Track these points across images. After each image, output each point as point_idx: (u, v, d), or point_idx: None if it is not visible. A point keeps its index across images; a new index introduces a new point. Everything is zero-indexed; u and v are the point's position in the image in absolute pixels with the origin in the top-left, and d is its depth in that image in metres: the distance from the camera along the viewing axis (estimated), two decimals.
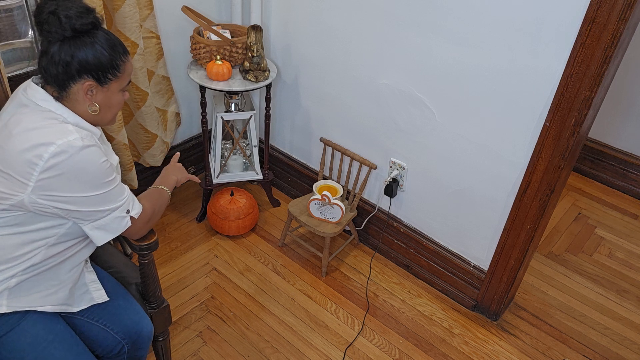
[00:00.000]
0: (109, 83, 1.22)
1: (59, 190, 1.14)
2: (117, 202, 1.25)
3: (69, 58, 1.16)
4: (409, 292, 2.27)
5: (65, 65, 1.16)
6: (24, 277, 1.25)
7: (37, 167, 1.11)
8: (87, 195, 1.18)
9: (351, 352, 1.99)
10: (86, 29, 1.16)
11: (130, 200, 1.30)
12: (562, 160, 1.70)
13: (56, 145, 1.11)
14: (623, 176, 2.96)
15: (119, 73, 1.23)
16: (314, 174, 2.54)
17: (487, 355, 2.03)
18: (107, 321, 1.42)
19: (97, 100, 1.23)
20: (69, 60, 1.16)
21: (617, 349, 2.09)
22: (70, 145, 1.12)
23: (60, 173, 1.13)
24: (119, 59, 1.22)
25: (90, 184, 1.18)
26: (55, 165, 1.12)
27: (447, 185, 2.06)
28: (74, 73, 1.17)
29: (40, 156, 1.11)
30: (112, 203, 1.24)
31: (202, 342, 1.98)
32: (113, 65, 1.21)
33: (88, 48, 1.17)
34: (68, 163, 1.12)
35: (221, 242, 2.42)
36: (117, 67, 1.22)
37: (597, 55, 1.49)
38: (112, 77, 1.22)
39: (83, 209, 1.19)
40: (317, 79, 2.30)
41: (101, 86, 1.22)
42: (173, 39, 2.29)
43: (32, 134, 1.13)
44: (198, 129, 2.67)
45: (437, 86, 1.90)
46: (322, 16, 2.13)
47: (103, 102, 1.25)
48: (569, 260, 2.50)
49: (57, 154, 1.11)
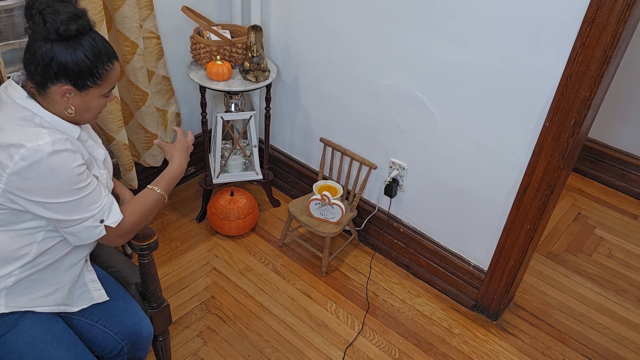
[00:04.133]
0: (87, 89, 1.20)
1: (27, 193, 1.14)
2: (89, 211, 1.21)
3: (48, 60, 1.14)
4: (408, 292, 2.27)
5: (44, 66, 1.14)
6: (21, 276, 1.25)
7: (7, 168, 1.11)
8: (55, 202, 1.16)
9: (351, 352, 2.00)
10: (70, 35, 1.13)
11: (106, 209, 1.25)
12: (561, 161, 1.70)
13: (26, 148, 1.10)
14: (622, 176, 2.96)
15: (99, 81, 1.20)
16: (314, 174, 2.54)
17: (487, 354, 2.03)
18: (107, 322, 1.42)
19: (74, 103, 1.21)
20: (48, 62, 1.14)
21: (616, 348, 2.09)
22: (38, 150, 1.10)
23: (27, 177, 1.12)
24: (102, 67, 1.19)
25: (58, 190, 1.15)
26: (23, 169, 1.10)
27: (447, 185, 2.06)
28: (52, 75, 1.15)
29: (10, 157, 1.10)
30: (82, 212, 1.20)
31: (202, 342, 1.98)
32: (93, 73, 1.18)
33: (69, 53, 1.14)
34: (36, 167, 1.11)
35: (221, 242, 2.42)
36: (97, 76, 1.19)
37: (597, 56, 1.49)
38: (92, 85, 1.20)
39: (52, 216, 1.18)
40: (317, 79, 2.30)
41: (79, 91, 1.19)
42: (173, 39, 2.29)
43: (6, 133, 1.13)
44: (198, 129, 2.67)
45: (437, 86, 1.90)
46: (322, 16, 2.13)
47: (80, 106, 1.22)
48: (569, 260, 2.50)
49: (25, 157, 1.10)
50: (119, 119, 2.03)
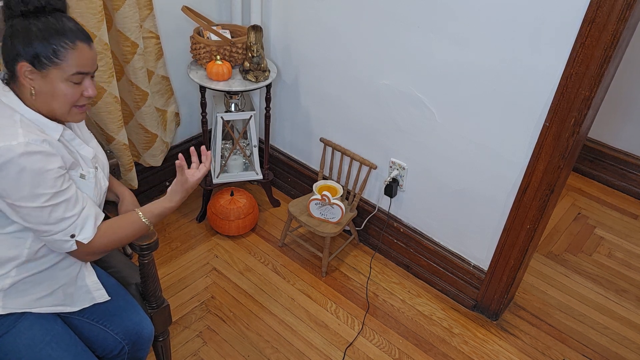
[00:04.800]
0: (46, 69, 1.14)
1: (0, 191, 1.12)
2: (60, 223, 1.17)
3: (8, 37, 1.14)
4: (408, 292, 2.27)
5: (7, 46, 1.14)
6: (18, 278, 1.24)
7: None
8: (25, 206, 1.13)
9: (351, 352, 2.00)
10: (29, 10, 1.13)
11: (80, 223, 1.21)
12: (561, 160, 1.70)
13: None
14: (623, 176, 2.96)
15: (57, 59, 1.14)
16: (314, 174, 2.54)
17: (487, 354, 2.03)
18: (107, 322, 1.42)
19: (36, 85, 1.16)
20: (8, 40, 1.14)
21: (617, 348, 2.09)
22: (9, 149, 1.08)
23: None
24: (58, 44, 1.14)
25: (27, 192, 1.12)
26: None
27: (447, 185, 2.06)
28: (14, 55, 1.14)
29: None
30: (52, 224, 1.17)
31: (202, 342, 1.98)
32: (48, 50, 1.13)
33: (25, 28, 1.13)
34: (6, 167, 1.09)
35: (221, 242, 2.42)
36: (53, 53, 1.13)
37: (597, 56, 1.49)
38: (48, 63, 1.14)
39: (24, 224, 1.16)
40: (317, 79, 2.30)
41: (38, 71, 1.15)
42: (173, 39, 2.29)
43: None
44: (198, 129, 2.67)
45: (437, 86, 1.90)
46: (322, 16, 2.13)
47: (42, 89, 1.17)
48: (569, 260, 2.50)
49: None
50: (119, 119, 2.03)
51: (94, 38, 1.81)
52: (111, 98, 1.96)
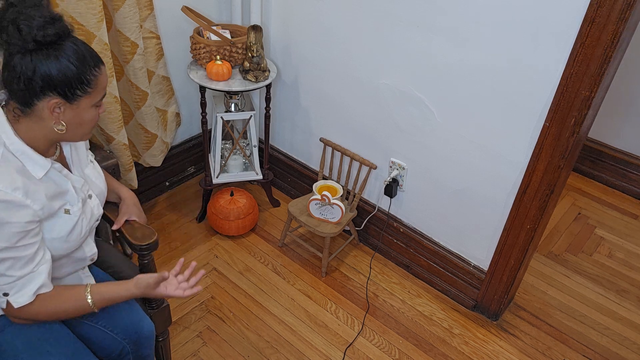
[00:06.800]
0: (78, 100, 1.11)
1: None
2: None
3: (30, 73, 1.04)
4: (408, 292, 2.27)
5: (27, 81, 1.05)
6: None
7: None
8: None
9: (351, 352, 1.99)
10: (50, 40, 1.05)
11: (18, 285, 1.14)
12: (562, 160, 1.70)
13: None
14: (623, 176, 2.96)
15: (89, 88, 1.12)
16: (314, 174, 2.54)
17: (487, 355, 2.03)
18: (107, 322, 1.42)
19: (65, 119, 1.12)
20: (30, 75, 1.04)
21: (617, 349, 2.09)
22: None
23: None
24: (89, 72, 1.11)
25: None
26: None
27: (447, 185, 2.06)
28: (37, 90, 1.06)
29: None
30: None
31: (202, 342, 1.98)
32: (82, 80, 1.10)
33: (52, 62, 1.05)
34: None
35: (221, 242, 2.42)
36: (87, 82, 1.11)
37: (597, 55, 1.49)
38: (82, 93, 1.11)
39: None
40: (317, 79, 2.30)
41: (70, 103, 1.11)
42: (173, 39, 2.29)
43: None
44: (198, 129, 2.67)
45: (437, 86, 1.90)
46: (322, 16, 2.13)
47: (72, 120, 1.14)
48: (569, 260, 2.50)
49: None
50: (119, 119, 2.03)
51: (94, 38, 1.81)
52: (111, 98, 1.96)
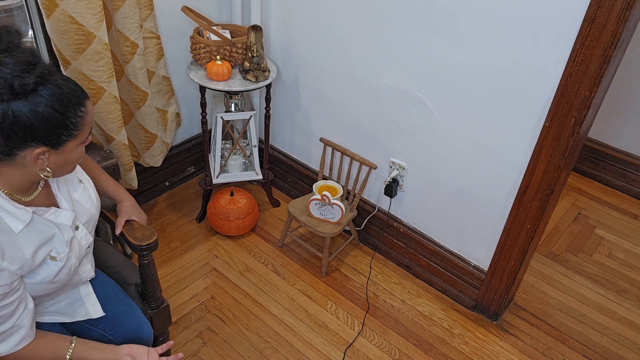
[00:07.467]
0: (64, 144, 1.04)
1: None
2: None
3: (8, 124, 0.95)
4: (408, 292, 2.27)
5: (6, 132, 0.96)
6: None
7: None
8: None
9: (351, 353, 1.99)
10: (29, 89, 0.96)
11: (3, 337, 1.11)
12: (562, 160, 1.70)
13: None
14: (623, 176, 2.96)
15: (75, 131, 1.04)
16: (314, 174, 2.54)
17: (487, 355, 2.03)
18: (106, 326, 1.42)
19: (51, 164, 1.06)
20: (8, 126, 0.95)
21: (617, 349, 2.09)
22: None
23: None
24: (74, 115, 1.02)
25: None
26: None
27: (447, 185, 2.06)
28: (18, 140, 0.98)
29: None
30: None
31: (202, 343, 1.97)
32: (66, 125, 1.01)
33: (31, 111, 0.96)
34: None
35: (221, 242, 2.42)
36: (72, 126, 1.03)
37: (597, 55, 1.48)
38: (68, 138, 1.03)
39: None
40: (317, 79, 2.30)
41: (55, 150, 1.03)
42: (173, 39, 2.29)
43: None
44: (198, 129, 2.67)
45: (437, 86, 1.90)
46: (322, 16, 2.13)
47: (58, 163, 1.07)
48: (569, 260, 2.50)
49: None
50: (119, 119, 2.03)
51: (94, 38, 1.81)
52: (111, 98, 1.96)
